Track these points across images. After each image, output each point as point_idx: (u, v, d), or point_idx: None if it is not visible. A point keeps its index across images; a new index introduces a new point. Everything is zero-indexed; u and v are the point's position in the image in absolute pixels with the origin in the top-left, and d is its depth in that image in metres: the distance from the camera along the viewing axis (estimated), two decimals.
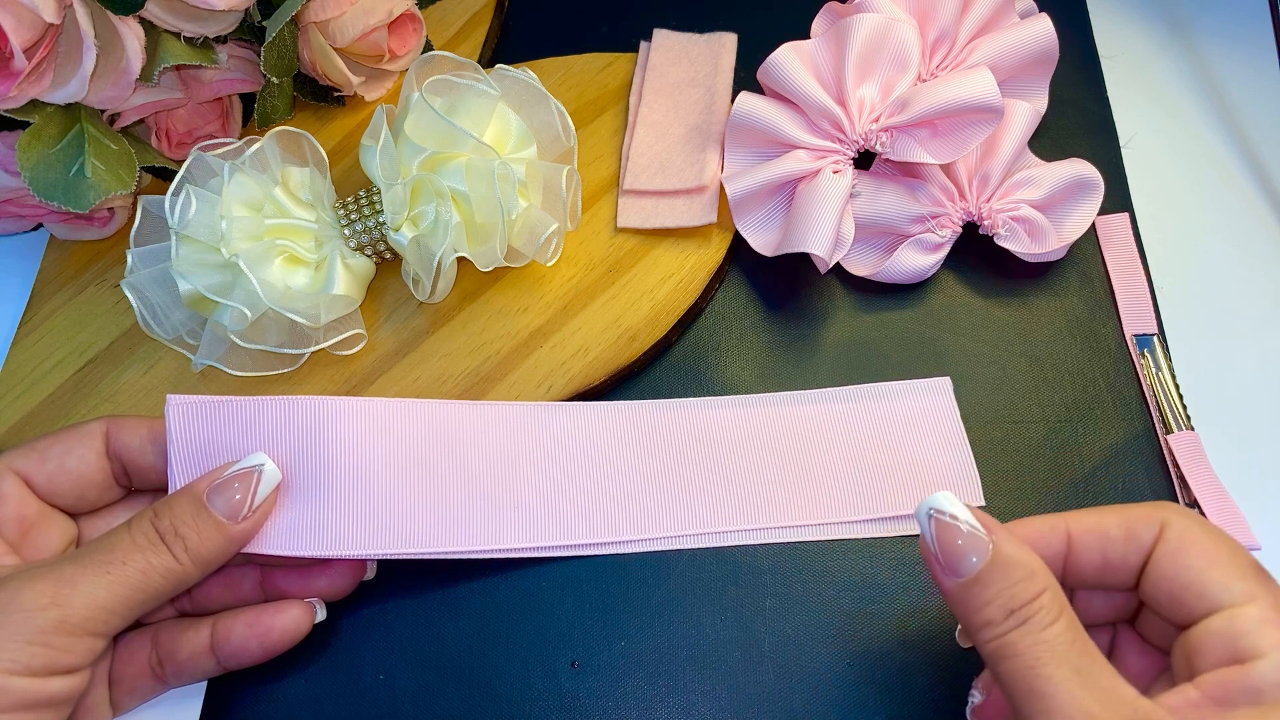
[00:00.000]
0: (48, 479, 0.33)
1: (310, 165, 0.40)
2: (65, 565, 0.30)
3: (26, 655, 0.28)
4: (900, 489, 0.38)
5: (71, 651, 0.29)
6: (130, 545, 0.31)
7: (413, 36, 0.47)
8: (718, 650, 0.36)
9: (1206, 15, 0.51)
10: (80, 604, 0.29)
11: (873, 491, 0.38)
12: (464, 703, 0.35)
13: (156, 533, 0.31)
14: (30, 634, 0.28)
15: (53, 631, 0.28)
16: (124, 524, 0.32)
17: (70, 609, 0.29)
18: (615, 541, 0.37)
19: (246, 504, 0.33)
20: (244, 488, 0.33)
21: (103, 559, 0.30)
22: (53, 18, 0.35)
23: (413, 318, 0.42)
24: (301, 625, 0.34)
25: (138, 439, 0.34)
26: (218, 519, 0.32)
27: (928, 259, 0.42)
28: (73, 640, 0.29)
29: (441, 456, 0.37)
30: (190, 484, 0.33)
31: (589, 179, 0.44)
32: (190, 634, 0.34)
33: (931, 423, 0.39)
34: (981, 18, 0.42)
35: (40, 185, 0.38)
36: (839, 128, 0.40)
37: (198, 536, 0.32)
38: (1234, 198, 0.46)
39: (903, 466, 0.38)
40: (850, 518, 0.38)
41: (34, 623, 0.28)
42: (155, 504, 0.32)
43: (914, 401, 0.40)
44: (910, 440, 0.39)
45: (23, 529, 0.33)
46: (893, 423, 0.39)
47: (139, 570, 0.30)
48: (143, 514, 0.32)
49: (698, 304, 0.42)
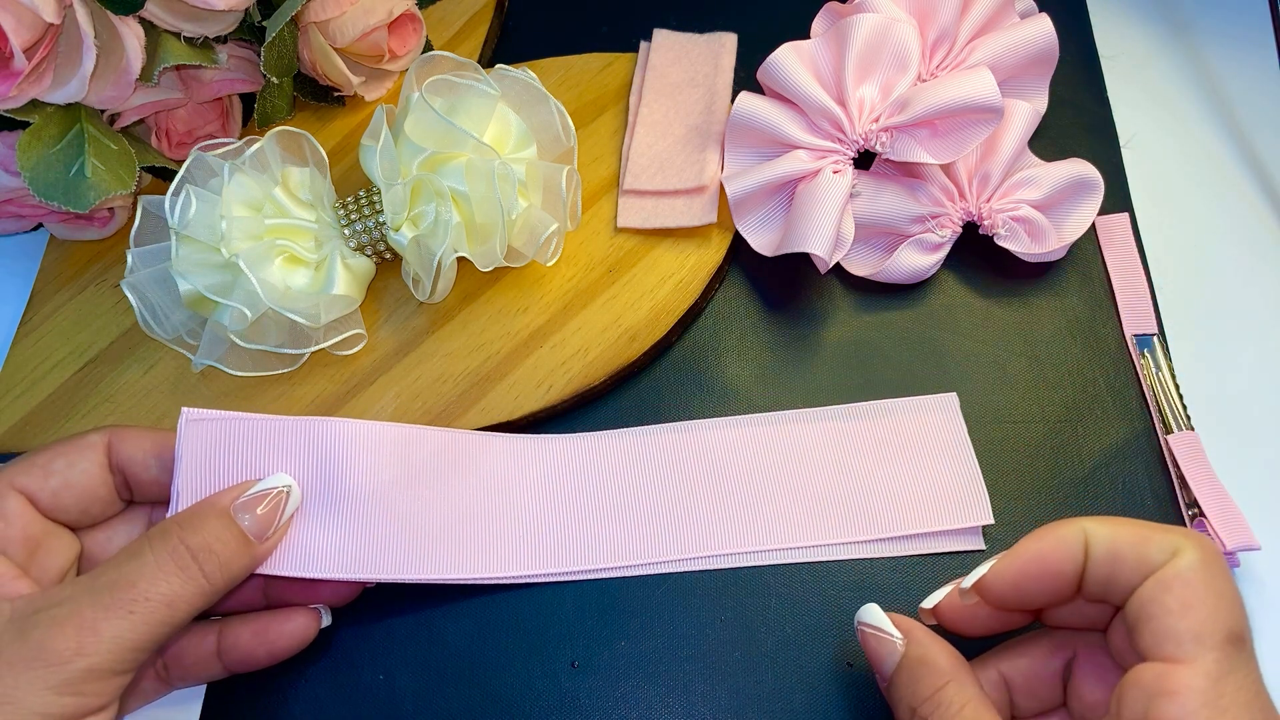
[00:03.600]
0: (52, 495, 0.33)
1: (310, 165, 0.40)
2: (86, 606, 0.29)
3: (59, 706, 0.28)
4: (908, 509, 0.37)
5: (101, 694, 0.29)
6: (154, 574, 0.30)
7: (413, 36, 0.47)
8: (718, 650, 0.36)
9: (1206, 15, 0.51)
10: (107, 649, 0.29)
11: (880, 512, 0.37)
12: (464, 703, 0.35)
13: (187, 551, 0.30)
14: (59, 685, 0.28)
15: (82, 680, 0.28)
16: (137, 548, 0.30)
17: (97, 657, 0.28)
18: (625, 566, 0.37)
19: (274, 523, 0.33)
20: (271, 506, 0.33)
21: (124, 596, 0.29)
22: (53, 18, 0.35)
23: (413, 318, 0.42)
24: (308, 632, 0.34)
25: (141, 451, 0.34)
26: (246, 536, 0.32)
27: (928, 259, 0.42)
28: (101, 684, 0.29)
29: (449, 482, 0.37)
30: (212, 499, 0.32)
31: (589, 179, 0.44)
32: (197, 639, 0.34)
33: (939, 441, 0.39)
34: (981, 18, 0.42)
35: (40, 185, 0.38)
36: (839, 128, 0.40)
37: (228, 552, 0.31)
38: (1234, 198, 0.46)
39: (910, 486, 0.38)
40: (857, 538, 0.37)
41: (62, 674, 0.28)
42: (178, 519, 0.31)
43: (920, 419, 0.39)
44: (918, 459, 0.38)
45: (29, 549, 0.32)
46: (899, 441, 0.39)
47: (164, 603, 0.29)
48: (158, 536, 0.31)
49: (698, 304, 0.42)
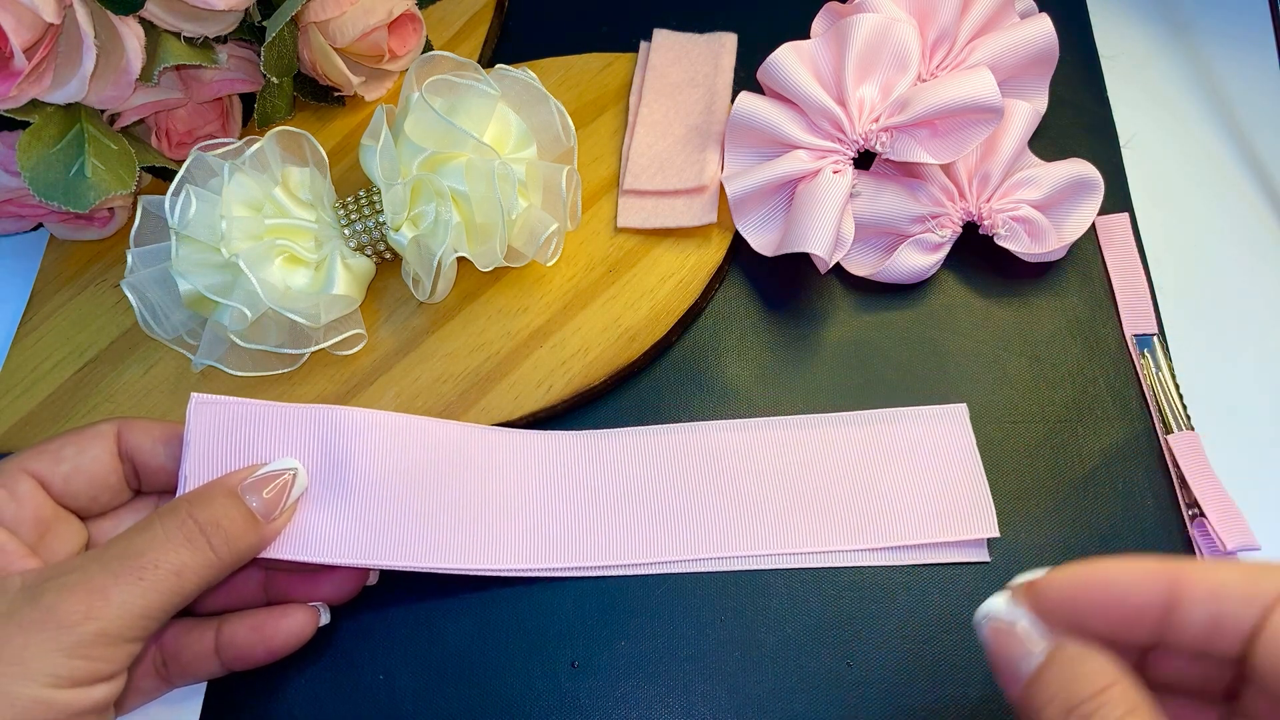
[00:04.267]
0: (63, 480, 0.33)
1: (310, 165, 0.40)
2: (96, 573, 0.29)
3: (69, 669, 0.28)
4: (913, 519, 0.37)
5: (111, 660, 0.29)
6: (163, 544, 0.30)
7: (413, 36, 0.47)
8: (718, 650, 0.36)
9: (1206, 15, 0.51)
10: (116, 614, 0.29)
11: (884, 520, 0.37)
12: (464, 703, 0.35)
13: (195, 525, 0.31)
14: (70, 648, 0.28)
15: (92, 644, 0.29)
16: (147, 522, 0.31)
17: (107, 620, 0.29)
18: (622, 566, 0.37)
19: (281, 504, 0.33)
20: (278, 488, 0.33)
21: (134, 564, 0.30)
22: (53, 18, 0.35)
23: (413, 318, 0.42)
24: (306, 630, 0.35)
25: (150, 440, 0.34)
26: (253, 514, 0.32)
27: (928, 259, 0.42)
28: (111, 649, 0.29)
29: (454, 474, 0.37)
30: (220, 479, 0.33)
31: (589, 179, 0.44)
32: (195, 635, 0.34)
33: (946, 451, 0.39)
34: (981, 18, 0.42)
35: (40, 185, 0.38)
36: (839, 128, 0.40)
37: (235, 529, 0.32)
38: (1234, 198, 0.46)
39: (916, 496, 0.38)
40: (859, 546, 0.37)
41: (73, 636, 0.28)
42: (186, 497, 0.32)
43: (929, 428, 0.39)
44: (924, 468, 0.38)
45: (39, 531, 0.32)
46: (907, 450, 0.39)
47: (173, 572, 0.30)
48: (168, 511, 0.31)
49: (698, 304, 0.42)
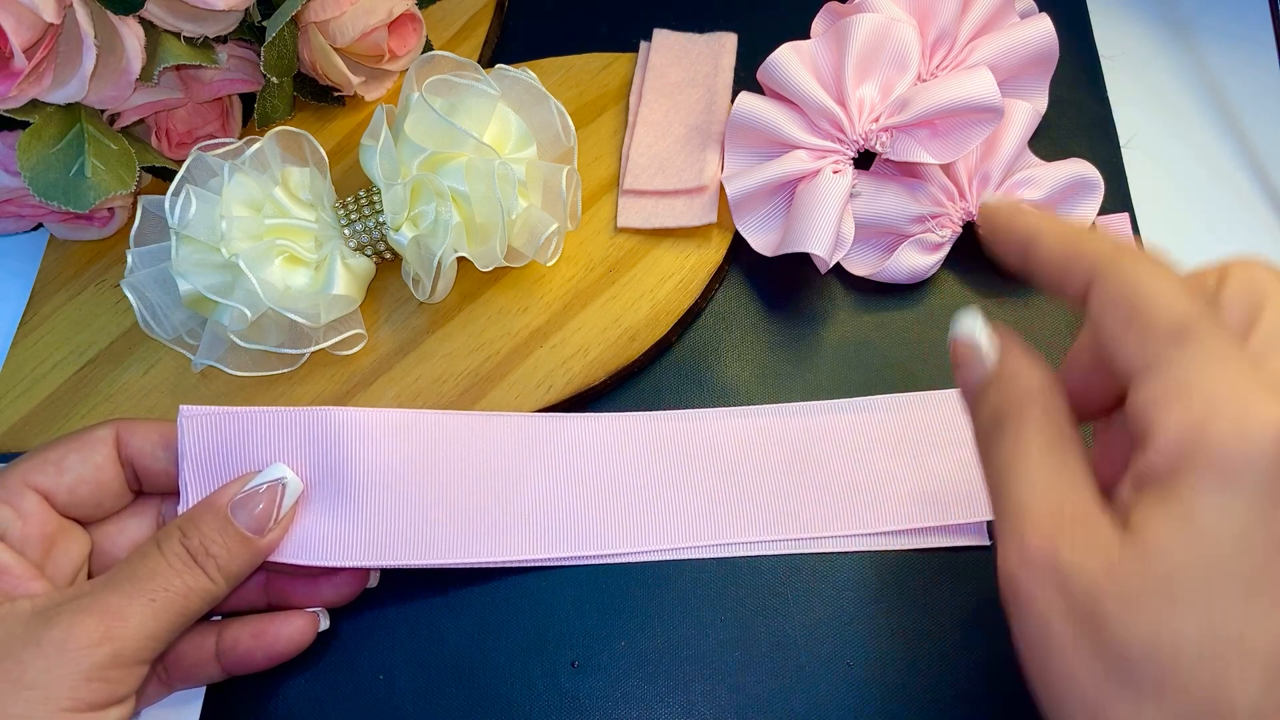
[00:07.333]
0: (68, 491, 0.33)
1: (310, 165, 0.40)
2: (109, 596, 0.30)
3: (86, 692, 0.28)
4: (912, 503, 0.37)
5: (124, 683, 0.30)
6: (169, 569, 0.31)
7: (413, 36, 0.47)
8: (718, 650, 0.36)
9: (1206, 15, 0.51)
10: (131, 637, 0.29)
11: (885, 505, 0.37)
12: (464, 703, 0.35)
13: (188, 553, 0.31)
14: (87, 671, 0.29)
15: (107, 667, 0.29)
16: (153, 544, 0.31)
17: (122, 643, 0.29)
18: (623, 553, 0.37)
19: (272, 517, 0.33)
20: (269, 501, 0.33)
21: (145, 587, 0.30)
22: (53, 18, 0.35)
23: (413, 318, 0.42)
24: (306, 635, 0.35)
25: (149, 443, 0.34)
26: (244, 534, 0.32)
27: (928, 259, 0.42)
28: (125, 671, 0.29)
29: (450, 466, 0.37)
30: (211, 498, 0.33)
31: (589, 179, 0.44)
32: (196, 640, 0.34)
33: (947, 436, 0.39)
34: (981, 18, 0.42)
35: (40, 185, 0.38)
36: (839, 128, 0.40)
37: (226, 553, 0.32)
38: (1234, 198, 0.46)
39: (915, 480, 0.38)
40: (861, 530, 0.37)
41: (89, 660, 0.29)
42: (180, 521, 0.32)
43: (928, 413, 0.39)
44: (923, 454, 0.38)
45: (46, 547, 0.32)
46: (906, 435, 0.39)
47: (181, 595, 0.31)
48: (169, 533, 0.32)
49: (698, 304, 0.42)
